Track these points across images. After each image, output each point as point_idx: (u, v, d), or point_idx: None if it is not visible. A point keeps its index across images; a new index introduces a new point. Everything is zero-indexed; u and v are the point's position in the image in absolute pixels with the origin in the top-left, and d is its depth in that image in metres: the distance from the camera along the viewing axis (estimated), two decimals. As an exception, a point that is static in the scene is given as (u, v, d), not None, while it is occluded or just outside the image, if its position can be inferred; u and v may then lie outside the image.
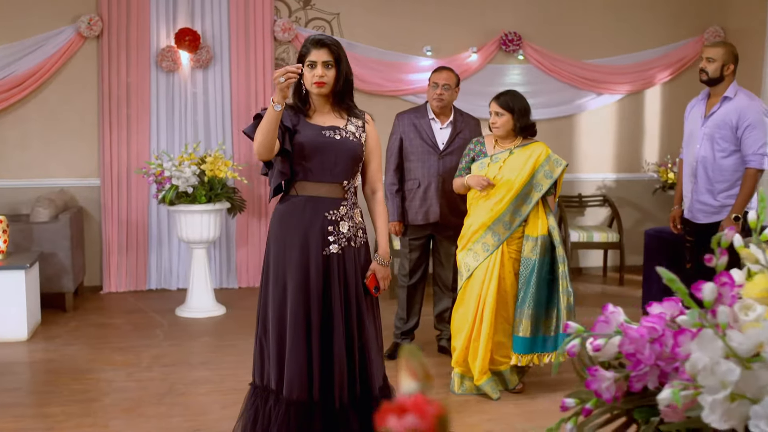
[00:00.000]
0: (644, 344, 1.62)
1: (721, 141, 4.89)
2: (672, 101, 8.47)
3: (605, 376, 1.63)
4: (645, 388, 1.68)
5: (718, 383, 1.45)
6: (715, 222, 4.98)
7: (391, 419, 0.82)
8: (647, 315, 1.82)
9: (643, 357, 1.62)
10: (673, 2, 8.35)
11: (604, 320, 1.74)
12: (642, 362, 1.63)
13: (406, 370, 0.88)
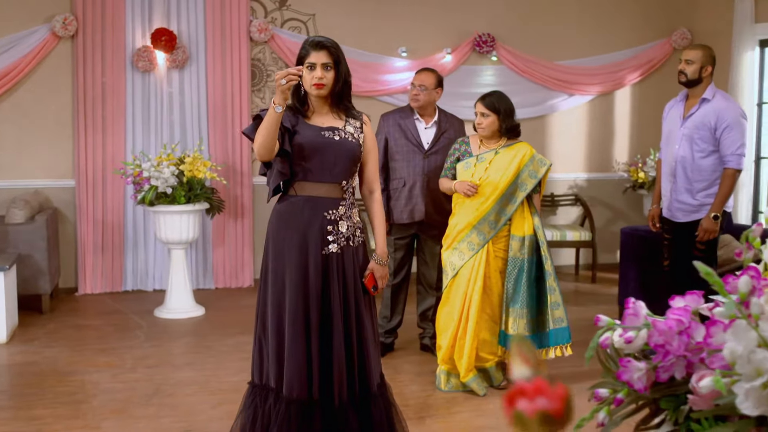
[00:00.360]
0: (673, 336, 1.68)
1: (700, 141, 5.00)
2: (642, 102, 8.63)
3: (638, 366, 1.69)
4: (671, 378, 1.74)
5: (753, 371, 1.51)
6: (694, 221, 5.10)
7: (522, 402, 0.86)
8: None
9: (671, 348, 1.68)
10: (642, 5, 8.51)
11: (633, 313, 1.80)
12: (670, 353, 1.69)
13: (518, 357, 0.92)
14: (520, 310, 4.63)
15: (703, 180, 5.03)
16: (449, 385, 4.82)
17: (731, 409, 1.61)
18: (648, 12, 8.51)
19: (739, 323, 1.53)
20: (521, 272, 4.65)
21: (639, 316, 1.79)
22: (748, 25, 7.71)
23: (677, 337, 1.68)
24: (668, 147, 5.25)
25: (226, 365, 5.31)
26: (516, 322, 4.64)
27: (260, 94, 7.62)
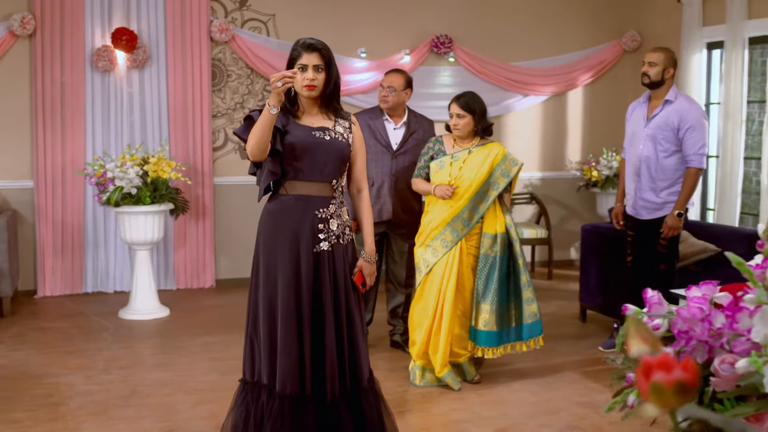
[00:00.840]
0: (696, 323, 1.79)
1: (663, 141, 5.19)
2: (593, 102, 8.85)
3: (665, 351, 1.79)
4: (693, 362, 1.84)
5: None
6: (657, 218, 5.28)
7: (659, 374, 0.94)
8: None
9: (695, 334, 1.79)
10: (593, 8, 8.72)
11: (658, 302, 1.91)
12: (693, 338, 1.80)
13: (636, 335, 1.00)
14: (490, 306, 4.74)
15: (667, 179, 5.22)
16: (424, 381, 4.91)
17: (753, 389, 1.73)
18: (599, 15, 8.74)
19: (766, 309, 1.65)
20: (493, 269, 4.76)
21: (663, 306, 1.90)
22: (696, 28, 7.97)
23: (700, 324, 1.79)
24: (632, 147, 5.42)
25: (199, 365, 5.31)
26: (486, 318, 4.75)
27: (221, 95, 7.61)
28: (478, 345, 4.78)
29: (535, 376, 5.11)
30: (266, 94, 7.75)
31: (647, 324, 1.02)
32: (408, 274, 5.58)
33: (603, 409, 3.40)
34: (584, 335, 6.05)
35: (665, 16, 8.42)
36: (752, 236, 6.00)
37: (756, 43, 7.54)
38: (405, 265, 5.53)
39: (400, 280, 5.59)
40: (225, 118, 7.64)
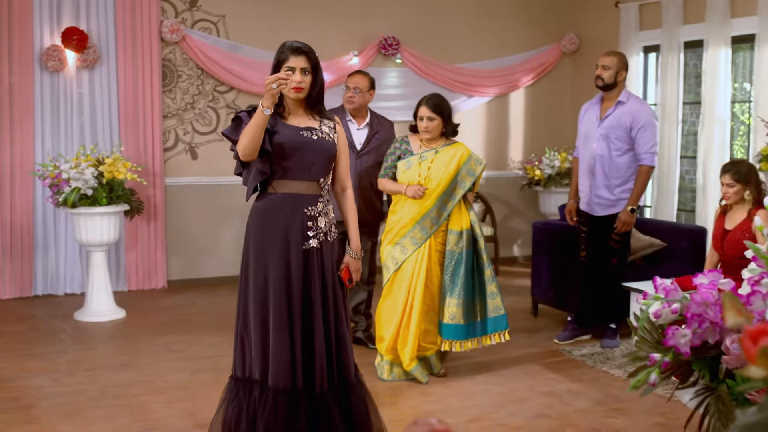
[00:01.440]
0: (710, 306, 1.95)
1: (617, 141, 5.43)
2: (534, 103, 9.11)
3: (683, 333, 1.95)
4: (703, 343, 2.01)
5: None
6: (611, 214, 5.52)
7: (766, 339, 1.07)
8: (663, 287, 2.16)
9: (708, 316, 1.96)
10: (534, 11, 8.98)
11: (674, 288, 2.07)
12: (706, 320, 1.97)
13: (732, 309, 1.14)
14: (457, 300, 4.89)
15: (620, 176, 5.46)
16: (392, 375, 5.03)
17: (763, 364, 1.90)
18: (539, 18, 9.00)
19: (779, 292, 1.81)
20: (459, 265, 4.91)
21: (678, 291, 2.06)
22: (633, 32, 8.28)
23: (712, 307, 1.96)
24: (586, 146, 5.64)
25: (165, 365, 5.32)
26: (453, 312, 4.89)
27: (171, 95, 7.58)
28: (445, 339, 4.92)
29: (497, 369, 5.28)
30: (216, 94, 7.75)
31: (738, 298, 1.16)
32: (371, 271, 5.69)
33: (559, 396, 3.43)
34: (538, 329, 6.25)
35: (603, 19, 8.72)
36: (694, 231, 6.33)
37: (690, 48, 7.88)
38: (368, 263, 5.63)
39: (363, 277, 5.68)
40: (176, 118, 7.62)
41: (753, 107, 7.21)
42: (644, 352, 2.09)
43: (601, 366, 5.31)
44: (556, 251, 6.38)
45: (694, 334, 1.96)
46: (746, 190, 4.84)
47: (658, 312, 2.00)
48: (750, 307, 1.87)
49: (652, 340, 2.07)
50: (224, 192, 7.82)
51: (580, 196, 5.78)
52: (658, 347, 2.05)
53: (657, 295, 2.03)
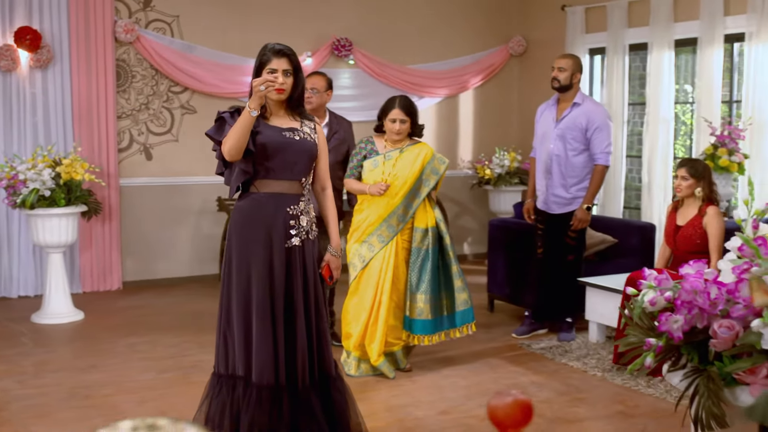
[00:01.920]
0: (699, 294, 2.10)
1: (573, 141, 5.62)
2: (483, 104, 9.31)
3: (676, 319, 2.10)
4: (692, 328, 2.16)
5: (782, 315, 1.94)
6: (567, 212, 5.70)
7: None
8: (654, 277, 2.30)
9: (698, 303, 2.10)
10: (482, 14, 9.17)
11: (665, 278, 2.21)
12: (695, 307, 2.12)
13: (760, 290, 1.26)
14: (424, 296, 5.01)
15: (576, 176, 5.65)
16: (359, 371, 5.12)
17: (749, 347, 2.06)
18: (488, 20, 9.19)
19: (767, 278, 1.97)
20: (425, 261, 5.03)
21: (669, 281, 2.20)
22: (579, 35, 8.53)
23: (701, 295, 2.11)
24: (543, 146, 5.82)
25: (131, 365, 5.32)
26: (420, 307, 5.01)
27: (125, 95, 7.54)
28: (413, 333, 5.03)
29: (461, 363, 5.41)
30: (171, 95, 7.74)
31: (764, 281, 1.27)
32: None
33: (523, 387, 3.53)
34: (495, 324, 6.41)
35: (550, 22, 8.95)
36: (644, 228, 6.56)
37: (635, 50, 8.15)
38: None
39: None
40: (130, 119, 7.58)
41: (696, 108, 7.49)
42: (636, 338, 2.23)
43: (560, 359, 5.48)
44: (511, 248, 6.54)
45: (685, 320, 2.10)
46: (698, 186, 5.07)
47: (654, 300, 2.14)
48: (738, 294, 2.02)
49: (643, 327, 2.21)
50: (179, 193, 7.82)
51: (537, 195, 5.96)
52: (649, 333, 2.19)
53: (651, 284, 2.17)
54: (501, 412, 1.05)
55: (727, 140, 6.60)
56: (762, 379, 2.05)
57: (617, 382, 5.00)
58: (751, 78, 6.91)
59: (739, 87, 7.43)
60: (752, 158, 6.79)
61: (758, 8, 6.80)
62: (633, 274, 5.22)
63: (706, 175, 5.09)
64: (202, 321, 6.43)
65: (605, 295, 5.66)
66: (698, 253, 5.01)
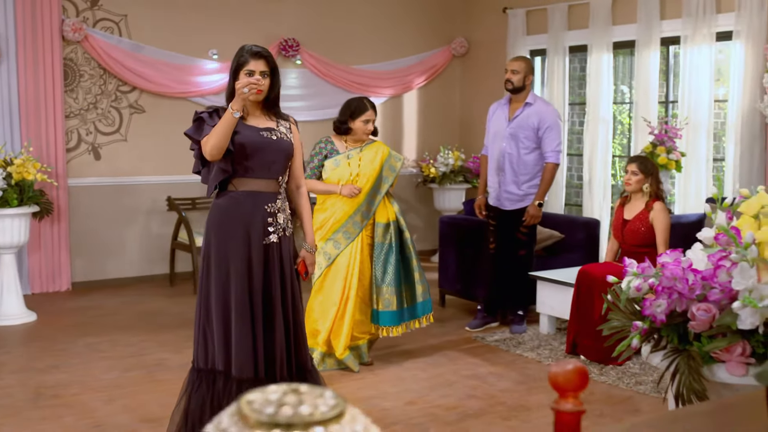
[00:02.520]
0: (679, 279, 2.29)
1: (525, 140, 5.83)
2: (427, 104, 9.50)
3: (659, 303, 2.28)
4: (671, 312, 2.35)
5: (759, 296, 2.14)
6: (519, 208, 5.92)
7: None
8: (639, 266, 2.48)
9: (677, 288, 2.29)
10: (425, 15, 9.36)
11: (648, 266, 2.39)
12: (674, 292, 2.30)
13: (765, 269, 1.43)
14: (389, 288, 5.17)
15: (527, 173, 5.87)
16: (324, 365, 5.23)
17: (725, 328, 2.26)
18: (431, 22, 9.38)
19: (743, 265, 2.16)
20: (389, 254, 5.19)
21: (651, 269, 2.38)
22: (521, 36, 8.78)
23: (680, 281, 2.30)
24: (495, 144, 6.02)
25: (94, 365, 5.33)
26: (388, 299, 5.16)
27: (73, 95, 7.49)
28: (381, 326, 5.17)
29: (420, 356, 5.57)
30: (119, 94, 7.71)
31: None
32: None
33: (483, 378, 3.68)
34: (448, 318, 6.59)
35: (492, 24, 9.19)
36: (589, 223, 6.83)
37: (574, 52, 8.44)
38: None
39: None
40: (78, 118, 7.53)
41: (634, 108, 7.81)
42: (619, 323, 2.40)
43: (514, 350, 5.69)
44: (462, 245, 6.73)
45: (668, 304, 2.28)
46: (646, 182, 5.33)
47: (640, 286, 2.32)
48: (715, 280, 2.21)
49: (626, 312, 2.39)
50: (128, 192, 7.80)
51: (488, 192, 6.15)
52: (632, 318, 2.37)
53: (635, 272, 2.35)
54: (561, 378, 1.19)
55: (665, 139, 6.91)
56: (737, 356, 2.25)
57: (571, 370, 5.22)
58: (687, 80, 7.25)
59: (674, 88, 7.77)
60: (688, 156, 7.12)
61: (693, 13, 7.14)
62: (584, 267, 5.46)
63: (654, 172, 5.35)
64: (158, 320, 6.46)
65: (555, 288, 5.89)
66: (645, 246, 5.28)
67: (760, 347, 2.22)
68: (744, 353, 2.24)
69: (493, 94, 9.08)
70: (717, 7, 7.03)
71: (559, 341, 5.82)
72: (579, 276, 5.35)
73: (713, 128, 7.22)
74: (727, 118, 7.12)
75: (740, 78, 6.85)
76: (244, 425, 0.90)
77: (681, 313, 2.34)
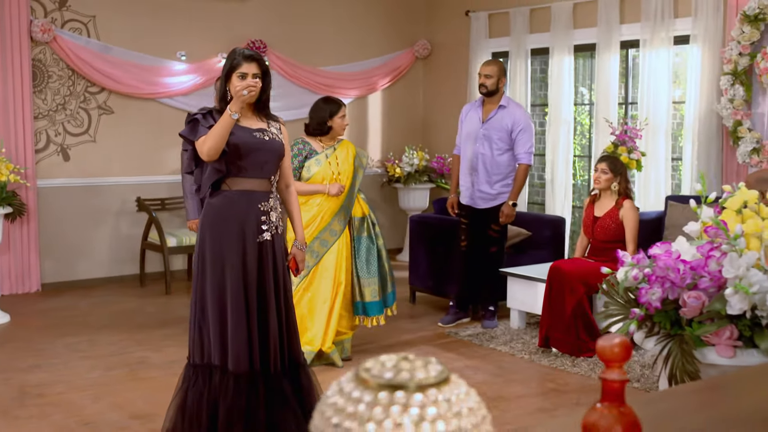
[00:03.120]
0: (672, 270, 2.47)
1: (498, 141, 6.03)
2: (391, 105, 9.65)
3: (654, 291, 2.45)
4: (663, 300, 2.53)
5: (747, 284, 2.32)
6: (492, 207, 6.10)
7: None
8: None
9: (670, 277, 2.47)
10: (389, 17, 9.51)
11: (643, 257, 2.56)
12: (667, 281, 2.48)
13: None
14: (374, 279, 5.34)
15: (500, 173, 6.06)
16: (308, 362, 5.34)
17: (714, 314, 2.44)
18: (394, 24, 9.54)
19: (732, 255, 2.35)
20: (369, 247, 5.35)
21: (645, 259, 2.56)
22: (483, 39, 8.98)
23: (672, 271, 2.47)
24: (468, 145, 6.19)
25: (76, 364, 5.37)
26: (374, 290, 5.35)
27: (42, 96, 7.48)
28: (369, 316, 5.32)
29: (396, 351, 5.67)
30: (87, 95, 7.71)
31: None
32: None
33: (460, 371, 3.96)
34: (420, 314, 6.74)
35: (454, 27, 9.37)
36: (555, 221, 7.04)
37: (536, 54, 8.66)
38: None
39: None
40: (47, 119, 7.53)
41: (594, 109, 8.05)
42: (614, 311, 2.57)
43: (487, 344, 5.86)
44: (433, 243, 6.88)
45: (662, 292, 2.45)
46: (615, 181, 5.55)
47: (637, 275, 2.49)
48: (705, 270, 2.39)
49: (621, 300, 2.56)
50: (97, 193, 7.81)
51: (460, 191, 6.32)
52: (626, 306, 2.54)
53: (632, 263, 2.52)
54: (608, 350, 1.33)
55: (626, 139, 7.15)
56: (726, 339, 2.43)
57: (544, 363, 5.42)
58: (646, 82, 7.51)
59: (632, 90, 8.04)
60: (648, 156, 7.38)
61: (651, 17, 7.40)
62: (555, 263, 5.65)
63: (623, 172, 5.57)
64: (133, 320, 6.50)
65: (525, 284, 6.08)
66: (613, 242, 5.49)
67: (747, 330, 2.40)
68: (732, 336, 2.42)
69: (456, 96, 9.29)
70: (675, 12, 7.30)
71: (530, 335, 6.01)
72: (550, 272, 5.54)
73: (671, 129, 7.49)
74: (685, 119, 7.40)
75: (697, 80, 7.13)
76: (365, 388, 1.03)
77: (673, 301, 2.51)
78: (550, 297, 5.54)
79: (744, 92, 6.69)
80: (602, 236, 5.57)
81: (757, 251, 2.34)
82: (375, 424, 1.01)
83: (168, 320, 6.48)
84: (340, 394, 1.06)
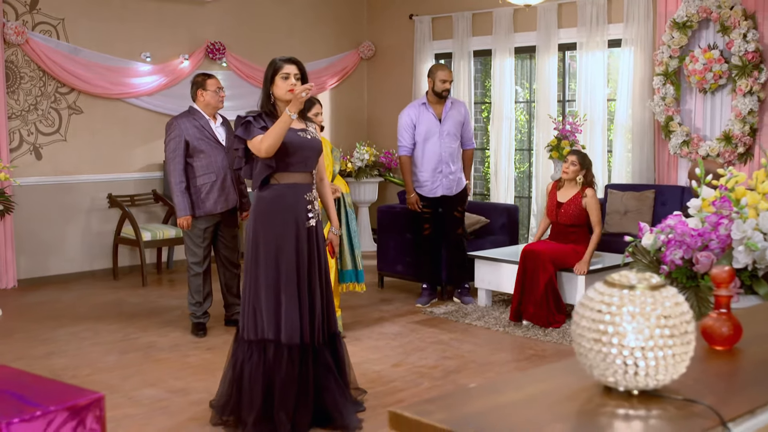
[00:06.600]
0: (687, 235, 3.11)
1: (456, 134, 6.86)
2: (339, 104, 10.17)
3: (677, 252, 3.10)
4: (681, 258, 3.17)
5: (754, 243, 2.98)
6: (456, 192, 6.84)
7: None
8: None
9: (687, 241, 3.12)
10: (337, 21, 10.03)
11: (665, 226, 3.20)
12: (684, 244, 3.13)
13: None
14: (359, 250, 5.87)
15: (458, 160, 6.83)
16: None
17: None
18: (342, 27, 10.07)
19: (738, 221, 3.01)
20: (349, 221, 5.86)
21: (668, 227, 3.20)
22: (427, 41, 9.61)
23: (687, 236, 3.12)
24: (429, 144, 6.81)
25: (89, 350, 5.67)
26: (361, 260, 5.91)
27: (14, 96, 7.68)
28: (360, 283, 5.86)
29: (384, 329, 6.24)
30: (58, 95, 7.95)
31: None
32: (240, 255, 6.27)
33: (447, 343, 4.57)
34: (392, 298, 7.29)
35: (399, 29, 9.96)
36: (509, 209, 7.72)
37: (478, 56, 9.34)
38: (236, 248, 6.27)
39: (234, 261, 6.21)
40: (19, 119, 7.73)
41: (534, 107, 8.78)
42: (642, 269, 3.20)
43: (462, 320, 6.47)
44: (401, 231, 7.45)
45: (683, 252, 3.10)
46: (581, 173, 6.25)
47: (665, 240, 3.13)
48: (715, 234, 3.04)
49: (646, 261, 3.20)
50: (69, 191, 8.05)
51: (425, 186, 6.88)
52: (650, 265, 3.18)
53: (659, 230, 3.15)
54: (719, 275, 1.91)
55: (569, 134, 7.89)
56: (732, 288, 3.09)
57: (519, 334, 6.06)
58: (583, 82, 8.28)
59: (569, 89, 8.80)
60: (588, 149, 8.14)
61: (587, 22, 8.16)
62: (527, 246, 6.28)
63: (589, 166, 6.29)
64: (123, 310, 6.83)
65: (492, 266, 6.72)
66: (576, 226, 6.21)
67: (748, 280, 3.07)
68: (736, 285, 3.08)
69: (397, 95, 9.89)
70: (608, 18, 8.08)
71: (499, 311, 6.65)
72: (523, 253, 6.19)
73: (606, 124, 8.28)
74: (615, 115, 8.19)
75: (629, 80, 7.93)
76: (612, 287, 1.59)
77: (688, 260, 3.16)
78: (523, 276, 6.18)
79: (674, 91, 7.51)
80: (565, 220, 6.25)
81: (755, 219, 3.00)
82: (624, 309, 1.57)
83: (158, 309, 6.83)
84: (594, 291, 1.62)
